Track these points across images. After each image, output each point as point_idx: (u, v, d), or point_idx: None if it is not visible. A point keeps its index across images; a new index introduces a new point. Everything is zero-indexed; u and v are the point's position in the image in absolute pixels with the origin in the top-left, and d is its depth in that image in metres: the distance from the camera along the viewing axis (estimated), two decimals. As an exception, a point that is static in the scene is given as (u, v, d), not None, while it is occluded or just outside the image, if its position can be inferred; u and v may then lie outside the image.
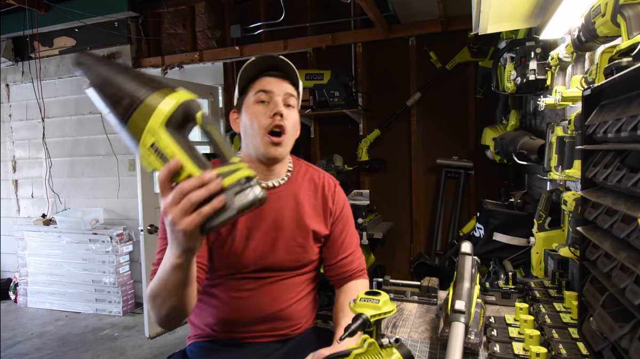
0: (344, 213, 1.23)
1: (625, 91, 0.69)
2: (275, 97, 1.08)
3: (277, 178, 1.16)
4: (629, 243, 0.62)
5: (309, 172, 1.24)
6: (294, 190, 1.17)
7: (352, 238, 1.25)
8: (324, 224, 1.19)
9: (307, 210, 1.16)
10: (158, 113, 0.65)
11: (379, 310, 0.94)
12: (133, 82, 0.66)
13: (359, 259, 1.25)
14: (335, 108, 3.09)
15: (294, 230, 1.14)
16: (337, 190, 1.24)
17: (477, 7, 1.32)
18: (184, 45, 3.72)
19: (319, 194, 1.20)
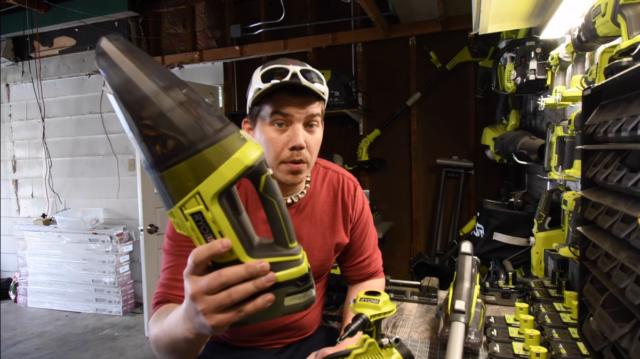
0: (363, 216, 1.17)
1: (625, 91, 0.69)
2: (295, 122, 0.93)
3: (296, 193, 1.07)
4: (629, 243, 0.62)
5: (328, 175, 1.14)
6: (313, 202, 1.09)
7: (370, 239, 1.21)
8: (344, 233, 1.13)
9: (327, 221, 1.10)
10: (217, 179, 0.49)
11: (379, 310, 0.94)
12: (188, 114, 0.49)
13: (376, 260, 1.23)
14: (335, 108, 3.09)
15: (315, 246, 1.08)
16: (357, 193, 1.16)
17: (477, 7, 1.32)
18: (184, 45, 3.72)
19: (339, 201, 1.12)
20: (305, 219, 1.08)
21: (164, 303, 0.90)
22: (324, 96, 0.96)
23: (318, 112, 0.96)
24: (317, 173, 1.13)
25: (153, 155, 0.49)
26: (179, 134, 0.48)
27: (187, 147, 0.48)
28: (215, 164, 0.49)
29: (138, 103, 0.48)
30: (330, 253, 1.11)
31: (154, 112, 0.48)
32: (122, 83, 0.48)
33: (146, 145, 0.49)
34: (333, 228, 1.11)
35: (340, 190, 1.13)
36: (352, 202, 1.13)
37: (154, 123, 0.48)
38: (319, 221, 1.09)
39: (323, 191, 1.11)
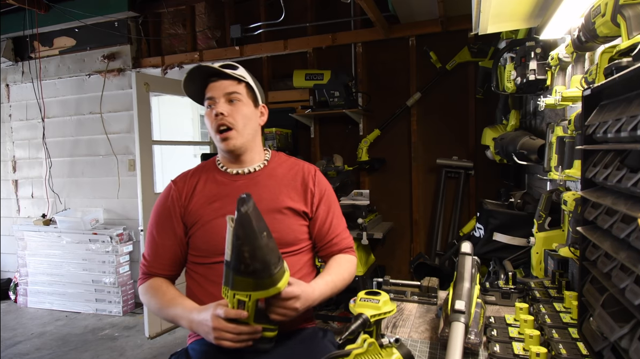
0: (327, 195, 1.31)
1: (625, 91, 0.69)
2: (216, 100, 1.21)
3: (250, 165, 1.28)
4: (629, 243, 0.62)
5: (289, 161, 1.35)
6: (269, 174, 1.28)
7: (339, 220, 1.33)
8: (303, 202, 1.27)
9: (284, 190, 1.26)
10: (261, 294, 0.94)
11: (379, 310, 0.94)
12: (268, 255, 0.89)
13: (347, 239, 1.34)
14: (335, 108, 3.09)
15: (272, 209, 1.22)
16: (318, 174, 1.33)
17: (477, 7, 1.32)
18: (184, 45, 3.72)
19: (299, 177, 1.29)
20: (263, 187, 1.25)
21: (149, 275, 1.23)
22: (243, 79, 1.24)
23: (237, 89, 1.22)
24: (278, 158, 1.35)
25: (237, 267, 0.89)
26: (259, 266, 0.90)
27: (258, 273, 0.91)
28: (268, 287, 0.93)
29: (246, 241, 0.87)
30: (290, 216, 1.24)
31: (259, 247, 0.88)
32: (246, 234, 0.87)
33: (240, 258, 0.88)
34: (289, 195, 1.26)
35: (300, 170, 1.32)
36: (313, 179, 1.30)
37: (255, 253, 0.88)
38: (274, 188, 1.26)
39: (282, 169, 1.31)
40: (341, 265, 1.28)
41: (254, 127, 1.27)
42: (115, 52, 3.86)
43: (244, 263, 0.88)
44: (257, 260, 0.87)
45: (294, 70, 3.17)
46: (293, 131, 3.47)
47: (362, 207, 2.85)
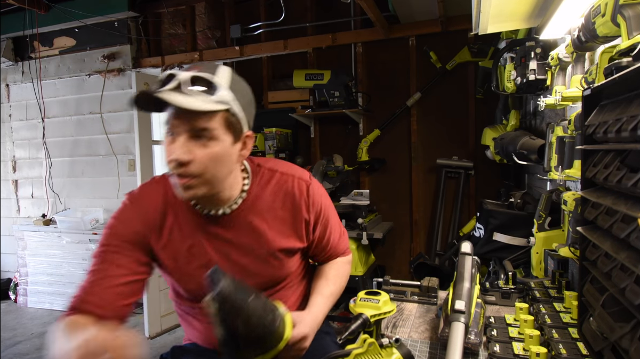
0: (323, 214, 1.09)
1: (625, 91, 0.69)
2: (178, 134, 0.85)
3: (227, 204, 0.99)
4: (629, 243, 0.62)
5: (274, 179, 1.05)
6: (252, 208, 1.01)
7: (336, 230, 1.15)
8: (296, 237, 1.05)
9: (274, 225, 1.02)
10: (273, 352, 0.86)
11: (379, 310, 0.94)
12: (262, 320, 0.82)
13: (343, 242, 1.20)
14: (335, 108, 3.09)
15: (262, 257, 1.02)
16: (311, 193, 1.06)
17: (477, 7, 1.32)
18: (184, 45, 3.72)
19: (288, 205, 1.04)
20: (243, 231, 1.00)
21: (76, 310, 0.89)
22: (221, 106, 0.85)
23: (206, 125, 0.84)
24: (260, 178, 1.04)
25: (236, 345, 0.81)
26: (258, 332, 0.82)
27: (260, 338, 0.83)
28: (276, 344, 0.86)
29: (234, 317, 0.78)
30: (281, 259, 1.04)
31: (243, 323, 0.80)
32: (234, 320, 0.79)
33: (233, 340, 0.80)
34: (280, 233, 1.03)
35: (291, 194, 1.04)
36: (306, 203, 1.05)
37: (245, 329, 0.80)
38: (259, 229, 1.01)
39: (266, 196, 1.03)
40: (338, 271, 1.16)
41: (230, 167, 0.93)
42: (115, 52, 3.86)
43: (241, 339, 0.80)
44: (253, 328, 0.80)
45: (294, 70, 3.17)
46: (293, 131, 3.47)
47: (362, 207, 2.85)
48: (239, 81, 0.94)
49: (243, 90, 0.94)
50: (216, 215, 0.99)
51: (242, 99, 0.92)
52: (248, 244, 1.01)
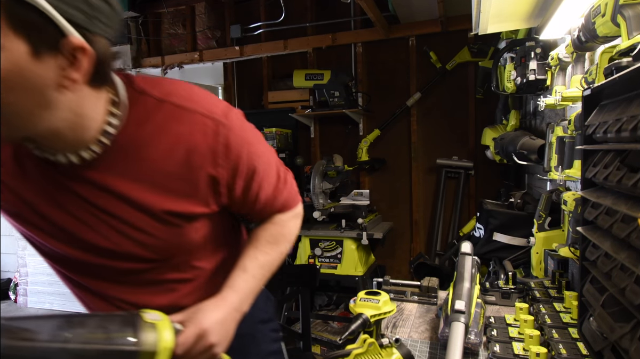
0: (244, 166, 0.76)
1: (625, 91, 0.69)
2: None
3: (75, 148, 0.66)
4: (629, 243, 0.62)
5: (161, 114, 0.70)
6: (125, 154, 0.70)
7: (266, 181, 0.82)
8: (195, 200, 0.74)
9: (156, 183, 0.71)
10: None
11: (379, 310, 0.94)
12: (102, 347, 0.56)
13: (283, 193, 0.87)
14: (335, 108, 3.09)
15: (138, 216, 0.73)
16: (224, 139, 0.72)
17: (477, 7, 1.33)
18: (184, 45, 3.72)
19: (180, 154, 0.70)
20: (104, 188, 0.70)
21: None
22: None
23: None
24: (139, 111, 0.70)
25: None
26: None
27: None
28: None
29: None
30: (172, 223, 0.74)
31: None
32: None
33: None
34: (171, 194, 0.72)
35: (186, 139, 0.70)
36: (213, 155, 0.72)
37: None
38: (136, 187, 0.71)
39: (145, 139, 0.69)
40: (274, 232, 0.87)
41: (41, 96, 0.58)
42: (115, 52, 3.85)
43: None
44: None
45: (294, 70, 3.17)
46: (293, 131, 3.47)
47: (362, 207, 2.85)
48: None
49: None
50: (66, 165, 0.68)
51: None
52: (116, 205, 0.71)
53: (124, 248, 0.75)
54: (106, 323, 0.59)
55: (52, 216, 0.73)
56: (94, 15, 0.60)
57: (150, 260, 0.78)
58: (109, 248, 0.74)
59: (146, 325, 0.60)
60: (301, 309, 1.68)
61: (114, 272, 0.78)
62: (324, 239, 2.87)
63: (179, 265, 0.81)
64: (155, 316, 0.63)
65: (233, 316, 0.75)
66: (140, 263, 0.78)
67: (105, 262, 0.77)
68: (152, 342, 0.59)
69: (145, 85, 0.72)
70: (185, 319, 0.69)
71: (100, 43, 0.62)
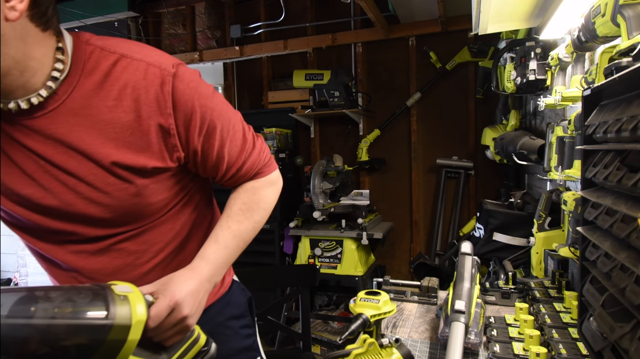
0: (200, 117, 0.74)
1: (625, 91, 0.69)
2: None
3: (20, 95, 0.66)
4: (629, 243, 0.62)
5: (108, 63, 0.70)
6: (66, 109, 0.69)
7: (230, 139, 0.80)
8: (146, 152, 0.72)
9: (103, 133, 0.70)
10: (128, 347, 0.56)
11: (379, 310, 0.95)
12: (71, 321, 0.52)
13: (254, 157, 0.85)
14: (335, 108, 3.09)
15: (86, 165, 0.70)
16: (171, 88, 0.71)
17: (477, 7, 1.33)
18: (184, 45, 3.72)
19: (128, 102, 0.70)
20: (50, 138, 0.69)
21: None
22: None
23: None
24: (85, 61, 0.70)
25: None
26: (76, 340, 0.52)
27: (90, 345, 0.53)
28: (123, 338, 0.55)
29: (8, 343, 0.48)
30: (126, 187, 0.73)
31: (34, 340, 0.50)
32: None
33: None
34: (120, 145, 0.71)
35: (133, 87, 0.70)
36: (162, 103, 0.71)
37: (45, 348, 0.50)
38: (83, 137, 0.69)
39: (91, 88, 0.69)
40: (246, 200, 0.84)
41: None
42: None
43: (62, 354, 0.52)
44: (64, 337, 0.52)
45: (294, 70, 3.17)
46: (293, 131, 3.47)
47: (362, 207, 2.85)
48: None
49: None
50: (15, 113, 0.67)
51: None
52: (64, 156, 0.70)
53: (76, 208, 0.73)
54: (74, 296, 0.54)
55: (4, 176, 0.71)
56: None
57: (108, 222, 0.75)
58: (61, 208, 0.72)
59: (117, 298, 0.57)
60: (301, 309, 1.68)
61: (76, 240, 0.77)
62: (324, 239, 2.87)
63: (141, 233, 0.78)
64: (126, 288, 0.60)
65: (205, 287, 0.73)
66: (99, 227, 0.75)
67: (64, 227, 0.75)
68: (124, 315, 0.56)
69: (91, 37, 0.72)
70: (156, 290, 0.67)
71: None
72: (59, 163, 0.70)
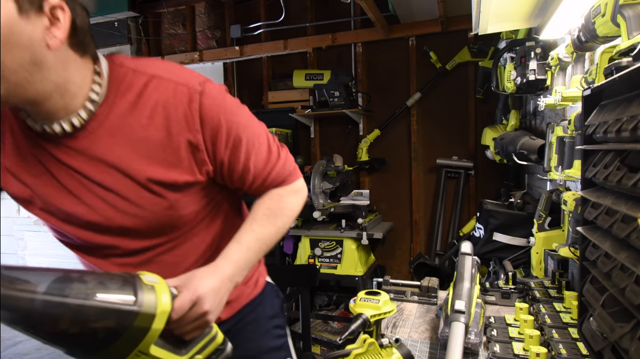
0: (226, 132, 0.78)
1: (625, 91, 0.69)
2: None
3: (63, 116, 0.71)
4: (629, 243, 0.62)
5: (141, 84, 0.75)
6: (103, 130, 0.74)
7: (256, 150, 0.83)
8: (178, 168, 0.76)
9: (138, 151, 0.75)
10: (151, 335, 0.59)
11: (379, 310, 0.94)
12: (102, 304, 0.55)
13: (279, 166, 0.88)
14: (335, 108, 3.09)
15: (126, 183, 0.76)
16: (199, 105, 0.75)
17: (477, 7, 1.33)
18: (184, 45, 3.72)
19: (159, 120, 0.74)
20: (91, 157, 0.74)
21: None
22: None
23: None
24: (120, 83, 0.75)
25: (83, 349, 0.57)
26: (105, 324, 0.55)
27: (116, 329, 0.56)
28: (148, 326, 0.58)
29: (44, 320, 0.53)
30: (161, 201, 0.77)
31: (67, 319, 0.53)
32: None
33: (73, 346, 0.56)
34: (153, 161, 0.75)
35: (163, 106, 0.74)
36: (190, 120, 0.75)
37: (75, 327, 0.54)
38: (120, 150, 0.74)
39: (127, 108, 0.74)
40: (272, 206, 0.87)
41: (29, 54, 0.62)
42: (115, 52, 3.84)
43: (87, 338, 0.56)
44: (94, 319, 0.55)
45: (294, 70, 3.17)
46: (293, 131, 3.47)
47: (362, 207, 2.85)
48: None
49: None
50: (54, 133, 0.72)
51: None
52: (104, 174, 0.75)
53: (115, 221, 0.77)
54: (106, 281, 0.58)
55: (53, 197, 0.77)
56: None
57: (144, 233, 0.79)
58: (102, 223, 0.77)
59: (145, 287, 0.60)
60: (301, 309, 1.68)
61: (120, 253, 0.81)
62: (324, 239, 2.87)
63: (176, 245, 0.83)
64: (153, 278, 0.63)
65: (226, 285, 0.74)
66: (137, 239, 0.80)
67: (107, 241, 0.80)
68: (150, 304, 0.59)
69: (124, 59, 0.78)
70: (180, 284, 0.69)
71: (78, 9, 0.67)
72: (99, 180, 0.75)
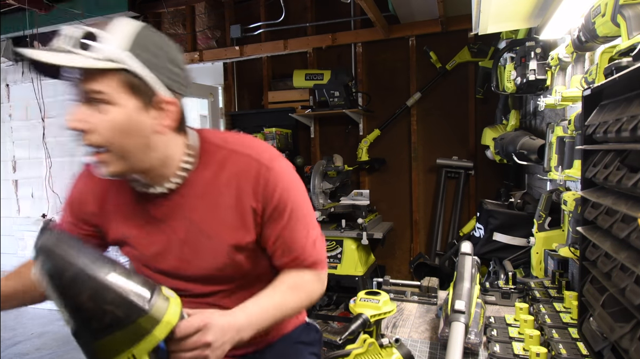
0: (282, 206, 0.87)
1: (625, 91, 0.69)
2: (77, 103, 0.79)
3: (160, 184, 0.86)
4: (629, 243, 0.62)
5: (221, 157, 0.88)
6: (191, 195, 0.88)
7: (300, 230, 0.90)
8: (243, 228, 0.87)
9: (223, 215, 0.87)
10: (150, 341, 0.61)
11: (379, 310, 0.94)
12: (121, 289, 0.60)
13: (315, 250, 0.93)
14: (335, 108, 3.09)
15: (202, 247, 0.89)
16: (266, 178, 0.86)
17: (477, 7, 1.33)
18: (184, 45, 3.72)
19: (233, 188, 0.86)
20: (180, 217, 0.88)
21: None
22: (109, 64, 0.73)
23: (97, 88, 0.74)
24: (206, 156, 0.89)
25: (88, 328, 0.61)
26: (115, 309, 0.59)
27: (122, 318, 0.59)
28: (149, 329, 0.61)
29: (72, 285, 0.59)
30: (229, 257, 0.89)
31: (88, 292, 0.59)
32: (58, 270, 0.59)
33: (82, 320, 0.60)
34: (228, 225, 0.87)
35: (236, 175, 0.86)
36: (255, 188, 0.85)
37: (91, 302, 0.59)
38: (202, 216, 0.87)
39: (210, 178, 0.87)
40: (296, 282, 0.91)
41: (145, 138, 0.79)
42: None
43: (95, 317, 0.60)
44: (109, 301, 0.59)
45: (294, 70, 3.17)
46: (293, 131, 3.47)
47: (362, 207, 2.85)
48: (148, 37, 0.78)
49: (155, 47, 0.78)
50: (155, 194, 0.88)
51: (152, 58, 0.77)
52: (188, 231, 0.88)
53: (190, 272, 0.90)
54: (132, 274, 0.64)
55: (140, 244, 0.92)
56: (176, 80, 0.82)
57: (211, 280, 0.91)
58: (178, 272, 0.91)
59: (162, 295, 0.64)
60: (301, 309, 1.68)
61: (188, 294, 0.89)
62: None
63: (235, 292, 0.93)
64: (171, 293, 0.68)
65: (232, 331, 0.75)
66: (204, 285, 0.92)
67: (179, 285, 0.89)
68: (160, 309, 0.62)
69: (208, 134, 0.93)
70: (193, 313, 0.73)
71: (180, 98, 0.84)
72: (185, 237, 0.88)
